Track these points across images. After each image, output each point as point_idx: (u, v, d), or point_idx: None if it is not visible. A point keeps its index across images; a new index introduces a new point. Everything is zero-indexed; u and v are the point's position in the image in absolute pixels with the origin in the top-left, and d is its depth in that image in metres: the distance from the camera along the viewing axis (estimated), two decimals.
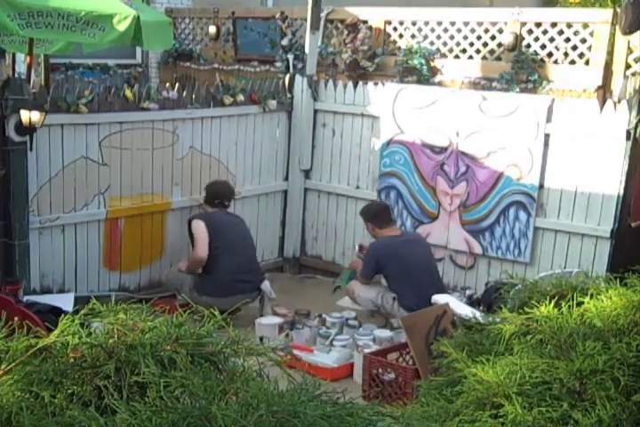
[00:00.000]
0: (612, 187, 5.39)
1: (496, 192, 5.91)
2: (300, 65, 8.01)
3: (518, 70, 6.99)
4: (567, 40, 6.89)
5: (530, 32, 7.07)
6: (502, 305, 3.06)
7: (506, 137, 5.80)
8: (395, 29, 7.87)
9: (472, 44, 7.43)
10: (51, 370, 1.93)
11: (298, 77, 6.87)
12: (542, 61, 7.01)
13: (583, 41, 6.81)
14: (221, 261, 5.68)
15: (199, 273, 5.77)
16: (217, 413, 1.69)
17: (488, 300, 5.07)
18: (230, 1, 9.43)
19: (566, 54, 6.93)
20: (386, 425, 2.00)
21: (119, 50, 8.13)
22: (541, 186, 5.73)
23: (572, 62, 6.91)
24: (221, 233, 5.74)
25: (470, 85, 7.20)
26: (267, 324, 5.42)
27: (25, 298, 4.91)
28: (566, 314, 2.57)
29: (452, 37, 7.54)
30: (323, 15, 7.77)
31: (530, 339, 2.50)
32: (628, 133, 5.26)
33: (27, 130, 5.03)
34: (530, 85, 6.91)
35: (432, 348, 3.31)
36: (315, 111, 6.87)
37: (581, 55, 6.84)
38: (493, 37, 7.32)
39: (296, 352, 4.94)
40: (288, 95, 6.82)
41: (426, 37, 7.63)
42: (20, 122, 4.98)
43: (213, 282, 5.65)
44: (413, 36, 7.71)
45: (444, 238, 6.19)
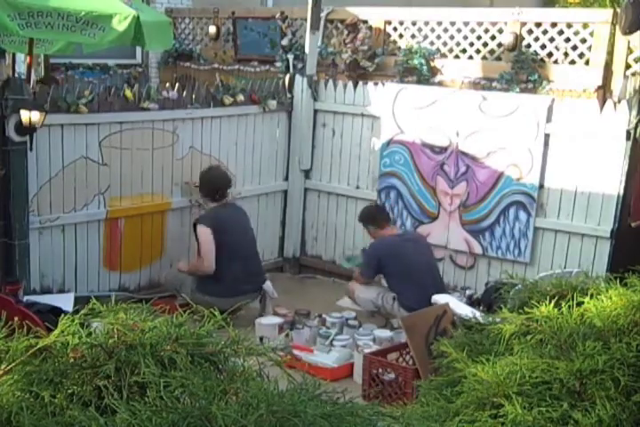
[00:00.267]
0: (612, 187, 5.39)
1: (496, 192, 5.91)
2: (300, 65, 8.01)
3: (518, 70, 6.99)
4: (567, 40, 6.89)
5: (530, 32, 7.07)
6: (502, 305, 3.06)
7: (506, 137, 5.80)
8: (395, 29, 7.87)
9: (472, 44, 7.43)
10: (51, 370, 1.93)
11: (298, 77, 6.87)
12: (542, 61, 7.00)
13: (583, 41, 6.80)
14: (225, 265, 5.64)
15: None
16: (217, 413, 1.69)
17: (488, 300, 5.07)
18: (230, 1, 9.43)
19: (566, 54, 6.93)
20: (386, 425, 2.00)
21: (119, 50, 8.12)
22: (541, 186, 5.74)
23: (572, 62, 6.90)
24: (226, 236, 5.67)
25: (470, 85, 7.20)
26: (267, 324, 5.42)
27: (25, 298, 4.91)
28: (566, 314, 2.57)
29: (452, 37, 7.53)
30: (323, 15, 7.77)
31: (530, 339, 2.50)
32: (628, 133, 5.26)
33: (27, 130, 5.02)
34: (530, 85, 6.91)
35: (432, 348, 3.31)
36: (315, 111, 6.87)
37: (581, 55, 6.84)
38: (493, 37, 7.32)
39: (296, 352, 4.94)
40: (288, 95, 6.82)
41: (426, 37, 7.63)
42: (20, 122, 4.98)
43: (216, 283, 5.63)
44: (413, 36, 7.71)
45: (444, 238, 6.19)
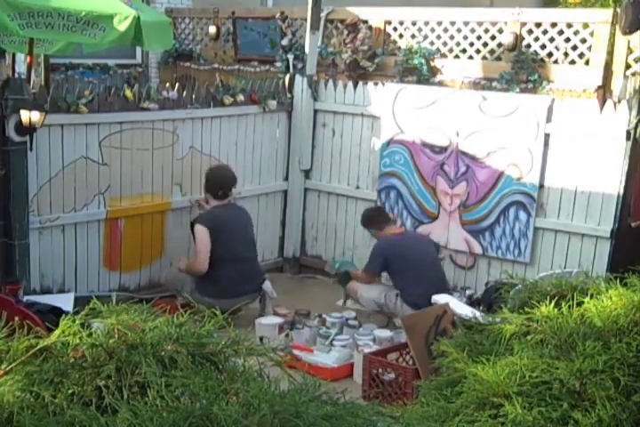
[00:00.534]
0: (612, 187, 5.39)
1: (496, 192, 5.91)
2: (300, 65, 8.01)
3: (518, 70, 6.99)
4: (567, 40, 6.89)
5: (530, 32, 7.07)
6: (502, 305, 3.06)
7: (506, 137, 5.80)
8: (395, 29, 7.87)
9: (472, 44, 7.43)
10: (51, 370, 1.93)
11: (298, 77, 6.87)
12: (542, 61, 7.00)
13: (583, 41, 6.80)
14: (223, 267, 5.62)
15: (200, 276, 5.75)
16: (219, 413, 1.69)
17: (488, 300, 5.07)
18: (230, 1, 9.43)
19: (566, 54, 6.93)
20: (386, 425, 2.00)
21: (119, 50, 8.13)
22: (541, 186, 5.73)
23: (572, 62, 6.91)
24: (225, 236, 5.65)
25: (470, 85, 7.20)
26: (267, 324, 5.42)
27: (25, 298, 4.90)
28: (566, 314, 2.57)
29: (452, 37, 7.53)
30: (323, 15, 7.77)
31: (530, 339, 2.50)
32: (628, 133, 5.26)
33: (27, 130, 5.02)
34: (530, 85, 6.91)
35: (432, 348, 3.31)
36: (315, 111, 6.87)
37: (581, 55, 6.84)
38: (493, 37, 7.32)
39: (296, 352, 4.94)
40: (288, 95, 6.82)
41: (426, 37, 7.63)
42: (20, 122, 4.97)
43: (214, 284, 5.63)
44: (413, 36, 7.71)
45: (444, 238, 6.19)
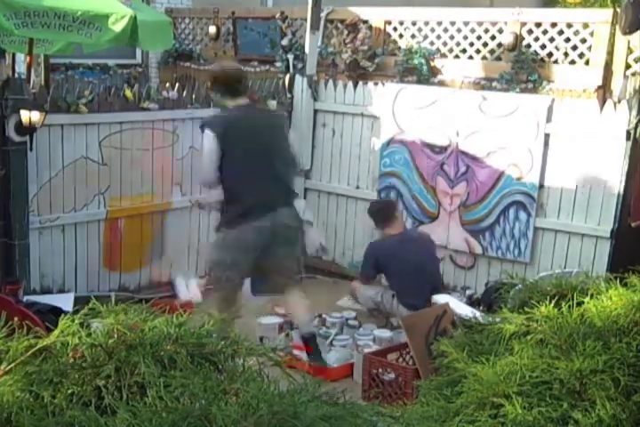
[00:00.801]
0: (612, 187, 5.39)
1: (496, 192, 5.91)
2: (300, 65, 8.01)
3: (518, 70, 6.98)
4: (567, 40, 6.89)
5: (530, 32, 7.07)
6: (502, 305, 3.06)
7: (506, 137, 5.80)
8: (395, 29, 7.87)
9: (472, 44, 7.43)
10: (51, 370, 1.93)
11: (298, 77, 6.86)
12: (542, 61, 7.00)
13: (583, 41, 6.80)
14: (239, 182, 4.67)
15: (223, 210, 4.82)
16: (217, 413, 1.69)
17: (488, 300, 5.07)
18: (230, 1, 9.43)
19: (566, 54, 6.92)
20: (386, 425, 2.00)
21: (119, 50, 8.13)
22: (541, 186, 5.73)
23: (572, 62, 6.90)
24: (238, 143, 4.62)
25: (470, 85, 7.20)
26: (267, 324, 5.42)
27: (25, 298, 4.91)
28: (566, 314, 2.56)
29: (452, 37, 7.53)
30: (323, 15, 7.77)
31: (530, 339, 2.50)
32: (628, 133, 5.26)
33: (27, 130, 5.03)
34: (530, 85, 6.90)
35: (432, 348, 3.31)
36: (315, 111, 6.87)
37: (581, 55, 6.83)
38: (493, 37, 7.31)
39: (296, 352, 4.93)
40: (288, 95, 6.81)
41: (426, 37, 7.63)
42: (20, 122, 4.98)
43: (237, 209, 4.66)
44: (413, 36, 7.71)
45: (444, 238, 6.18)
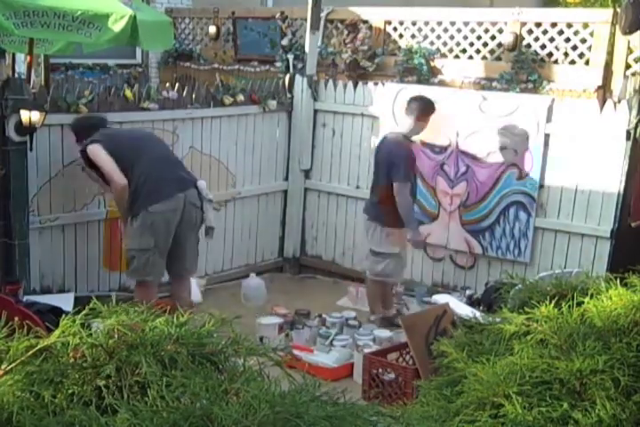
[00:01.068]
0: (612, 187, 5.39)
1: (496, 192, 5.91)
2: (300, 65, 8.01)
3: (518, 70, 6.99)
4: (567, 40, 6.89)
5: (530, 32, 7.07)
6: (502, 305, 3.06)
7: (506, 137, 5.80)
8: (395, 29, 7.87)
9: (472, 44, 7.43)
10: (51, 370, 1.93)
11: (298, 77, 6.87)
12: (542, 61, 7.00)
13: (583, 41, 6.80)
14: (141, 173, 4.90)
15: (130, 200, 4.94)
16: (219, 413, 1.69)
17: (488, 300, 5.07)
18: (230, 1, 9.43)
19: (566, 54, 6.93)
20: (386, 425, 2.00)
21: (119, 50, 8.12)
22: (541, 186, 5.74)
23: (572, 62, 6.91)
24: (125, 142, 5.05)
25: (470, 85, 7.20)
26: (267, 324, 5.42)
27: (25, 298, 4.91)
28: (566, 314, 2.56)
29: (452, 37, 7.53)
30: (323, 15, 7.77)
31: (530, 339, 2.50)
32: (628, 133, 5.26)
33: (27, 130, 5.02)
34: (530, 85, 6.91)
35: (432, 348, 3.30)
36: (315, 111, 6.87)
37: (581, 55, 6.84)
38: (493, 37, 7.32)
39: (296, 352, 4.94)
40: (288, 95, 6.82)
41: (426, 37, 7.63)
42: (20, 122, 4.98)
43: (148, 190, 4.85)
44: (413, 36, 7.71)
45: (444, 238, 6.19)
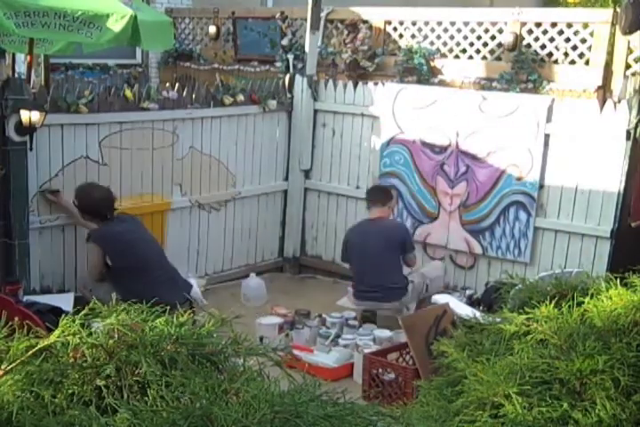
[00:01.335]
0: (612, 187, 5.39)
1: (496, 192, 5.91)
2: (300, 65, 8.01)
3: (518, 70, 6.99)
4: (567, 40, 6.89)
5: (530, 32, 7.07)
6: (502, 305, 3.06)
7: (506, 137, 5.80)
8: (395, 29, 7.87)
9: (472, 44, 7.43)
10: (51, 370, 1.93)
11: (298, 77, 6.86)
12: (542, 61, 7.01)
13: (583, 41, 6.81)
14: (134, 279, 4.99)
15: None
16: (219, 413, 1.69)
17: (488, 300, 5.07)
18: (230, 1, 9.43)
19: (566, 54, 6.93)
20: (386, 425, 2.00)
21: (119, 50, 8.12)
22: (541, 186, 5.74)
23: (572, 62, 6.91)
24: (130, 255, 5.15)
25: (470, 85, 7.20)
26: (267, 324, 5.42)
27: (25, 298, 4.90)
28: (566, 314, 2.56)
29: (452, 37, 7.53)
30: (323, 15, 7.77)
31: (530, 339, 2.50)
32: (628, 133, 5.26)
33: (27, 130, 5.02)
34: (530, 85, 6.91)
35: (432, 348, 3.30)
36: (315, 111, 6.87)
37: (581, 55, 6.84)
38: (493, 37, 7.32)
39: (296, 352, 4.93)
40: (288, 95, 6.82)
41: (426, 37, 7.63)
42: (20, 122, 4.98)
43: (131, 296, 4.92)
44: (413, 36, 7.71)
45: (444, 238, 6.19)
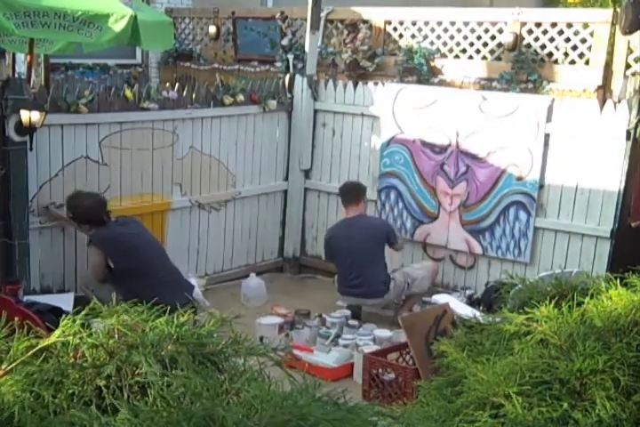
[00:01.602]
0: (612, 187, 5.39)
1: (496, 192, 5.91)
2: (300, 65, 8.01)
3: (518, 70, 6.99)
4: (567, 40, 6.89)
5: (530, 32, 7.07)
6: (502, 305, 3.06)
7: (506, 137, 5.80)
8: (395, 29, 7.87)
9: (472, 44, 7.43)
10: (52, 370, 1.93)
11: (298, 77, 6.87)
12: (542, 61, 7.01)
13: (583, 41, 6.81)
14: (137, 280, 4.96)
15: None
16: (222, 413, 1.69)
17: (488, 300, 5.08)
18: (230, 1, 9.43)
19: (566, 54, 6.93)
20: (386, 425, 2.00)
21: (119, 50, 8.12)
22: (541, 186, 5.74)
23: (572, 62, 6.91)
24: (132, 258, 5.11)
25: (470, 85, 7.20)
26: (267, 324, 5.42)
27: (25, 298, 4.90)
28: (566, 314, 2.56)
29: (452, 37, 7.53)
30: (323, 15, 7.77)
31: (530, 339, 2.50)
32: (628, 133, 5.26)
33: (27, 130, 5.02)
34: (530, 85, 6.91)
35: (432, 348, 3.30)
36: (315, 111, 6.87)
37: (581, 55, 6.84)
38: (493, 37, 7.32)
39: (296, 352, 4.93)
40: (288, 95, 6.82)
41: (426, 37, 7.63)
42: (20, 122, 4.98)
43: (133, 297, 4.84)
44: (413, 36, 7.71)
45: (444, 238, 6.19)
